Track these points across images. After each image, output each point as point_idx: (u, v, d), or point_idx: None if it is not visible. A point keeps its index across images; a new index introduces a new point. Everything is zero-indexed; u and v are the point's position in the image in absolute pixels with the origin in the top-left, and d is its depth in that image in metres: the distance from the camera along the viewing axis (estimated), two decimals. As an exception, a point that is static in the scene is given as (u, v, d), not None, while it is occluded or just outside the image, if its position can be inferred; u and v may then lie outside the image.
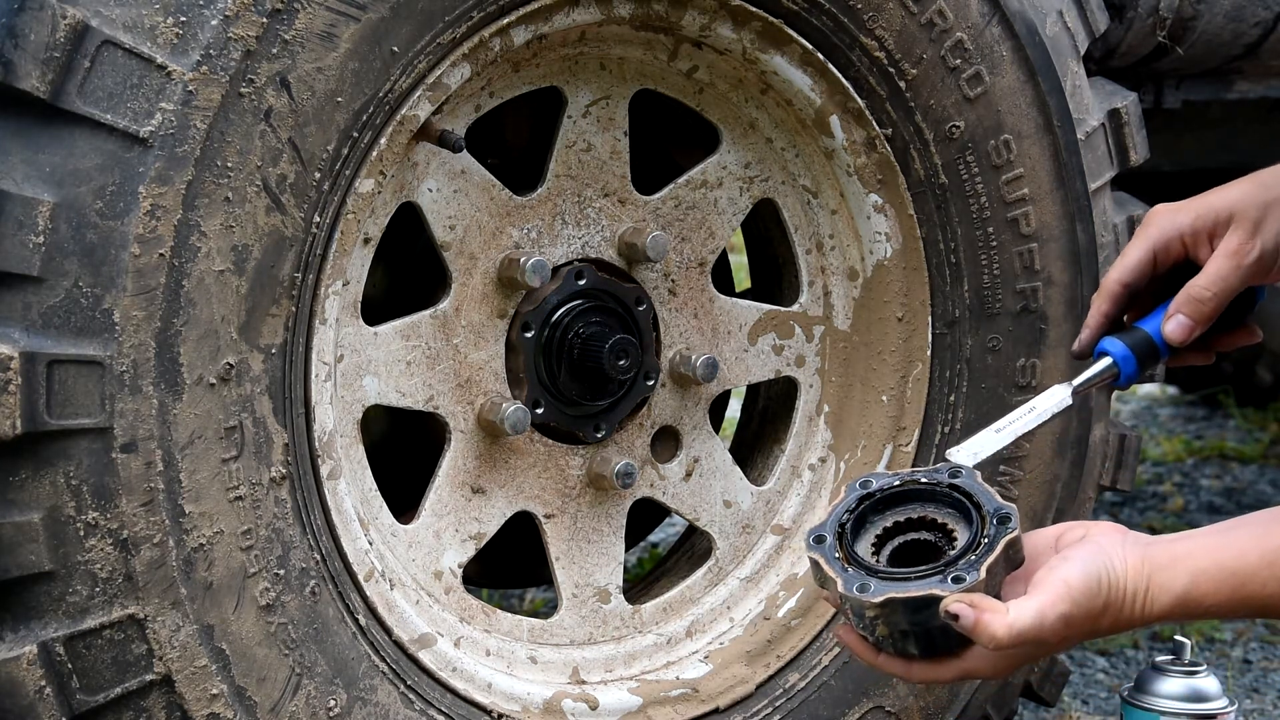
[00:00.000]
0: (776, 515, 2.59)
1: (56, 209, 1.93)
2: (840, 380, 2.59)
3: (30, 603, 1.99)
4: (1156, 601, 1.98)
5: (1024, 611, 1.95)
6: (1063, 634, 1.97)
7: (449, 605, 2.37)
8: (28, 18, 1.91)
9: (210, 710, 2.07)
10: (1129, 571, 1.97)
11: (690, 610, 2.55)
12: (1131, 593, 1.97)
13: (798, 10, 2.34)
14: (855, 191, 2.51)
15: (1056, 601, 1.95)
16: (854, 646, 2.06)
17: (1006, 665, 2.02)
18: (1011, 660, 2.01)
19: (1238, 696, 3.16)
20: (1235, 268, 2.20)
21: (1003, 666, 2.02)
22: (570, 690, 2.41)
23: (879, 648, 2.04)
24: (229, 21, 1.98)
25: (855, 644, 2.06)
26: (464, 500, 2.38)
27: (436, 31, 2.12)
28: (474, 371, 2.36)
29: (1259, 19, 2.81)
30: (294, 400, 2.12)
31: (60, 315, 1.95)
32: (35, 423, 1.94)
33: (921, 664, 2.03)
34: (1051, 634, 1.96)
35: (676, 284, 2.48)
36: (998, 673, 2.04)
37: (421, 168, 2.29)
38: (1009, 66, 2.45)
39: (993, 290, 2.51)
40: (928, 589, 1.97)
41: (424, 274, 2.41)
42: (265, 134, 2.02)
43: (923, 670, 2.04)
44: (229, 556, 2.07)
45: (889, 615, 1.98)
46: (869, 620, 2.00)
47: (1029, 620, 1.95)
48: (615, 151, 2.42)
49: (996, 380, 2.53)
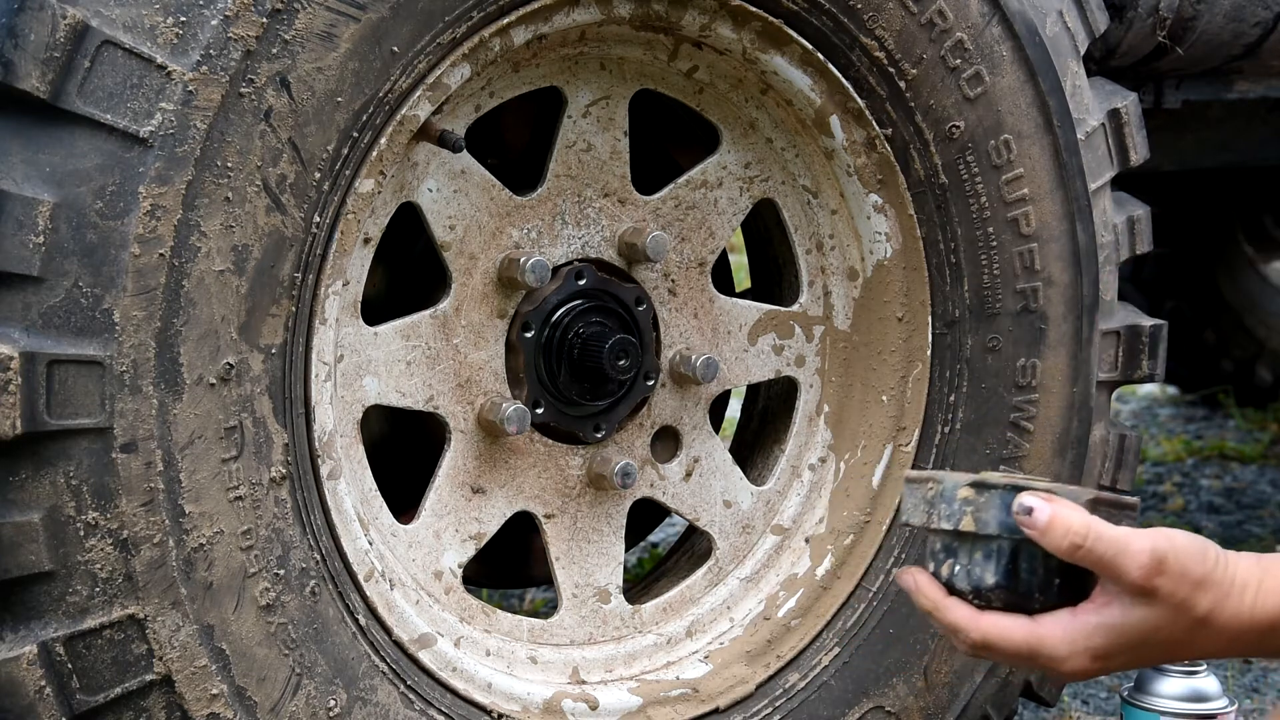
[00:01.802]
0: (776, 515, 2.59)
1: (56, 209, 1.93)
2: (840, 380, 2.59)
3: (30, 603, 1.99)
4: (1268, 600, 1.77)
5: (1109, 528, 1.76)
6: (1149, 581, 1.75)
7: (449, 605, 2.37)
8: (28, 18, 1.91)
9: (210, 710, 2.07)
10: (1242, 563, 1.78)
11: (690, 610, 2.55)
12: (1241, 582, 1.77)
13: (798, 10, 2.34)
14: (855, 191, 2.51)
15: (1152, 535, 1.76)
16: (922, 586, 1.85)
17: (1082, 653, 1.78)
18: (1089, 650, 1.78)
19: (1238, 696, 3.16)
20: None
21: (1079, 653, 1.78)
22: (570, 690, 2.41)
23: (950, 589, 1.84)
24: (229, 21, 1.98)
25: (925, 583, 1.85)
26: (464, 500, 2.38)
27: (436, 31, 2.12)
28: (474, 371, 2.36)
29: (1259, 19, 2.81)
30: (294, 400, 2.12)
31: (60, 315, 1.95)
32: (35, 423, 1.94)
33: (993, 616, 1.81)
34: (1138, 570, 1.75)
35: (676, 284, 2.48)
36: (1071, 661, 1.79)
37: (421, 168, 2.29)
38: (1009, 66, 2.45)
39: (993, 290, 2.51)
40: (1027, 482, 1.80)
41: (424, 274, 2.41)
42: (265, 134, 2.02)
43: (990, 625, 1.80)
44: (229, 556, 2.07)
45: (979, 510, 1.80)
46: (956, 511, 1.81)
47: (1111, 531, 1.75)
48: (615, 151, 2.42)
49: (996, 380, 2.53)
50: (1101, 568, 1.78)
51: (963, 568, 1.83)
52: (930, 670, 2.53)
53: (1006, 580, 1.81)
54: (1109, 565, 1.77)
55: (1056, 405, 2.55)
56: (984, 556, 1.82)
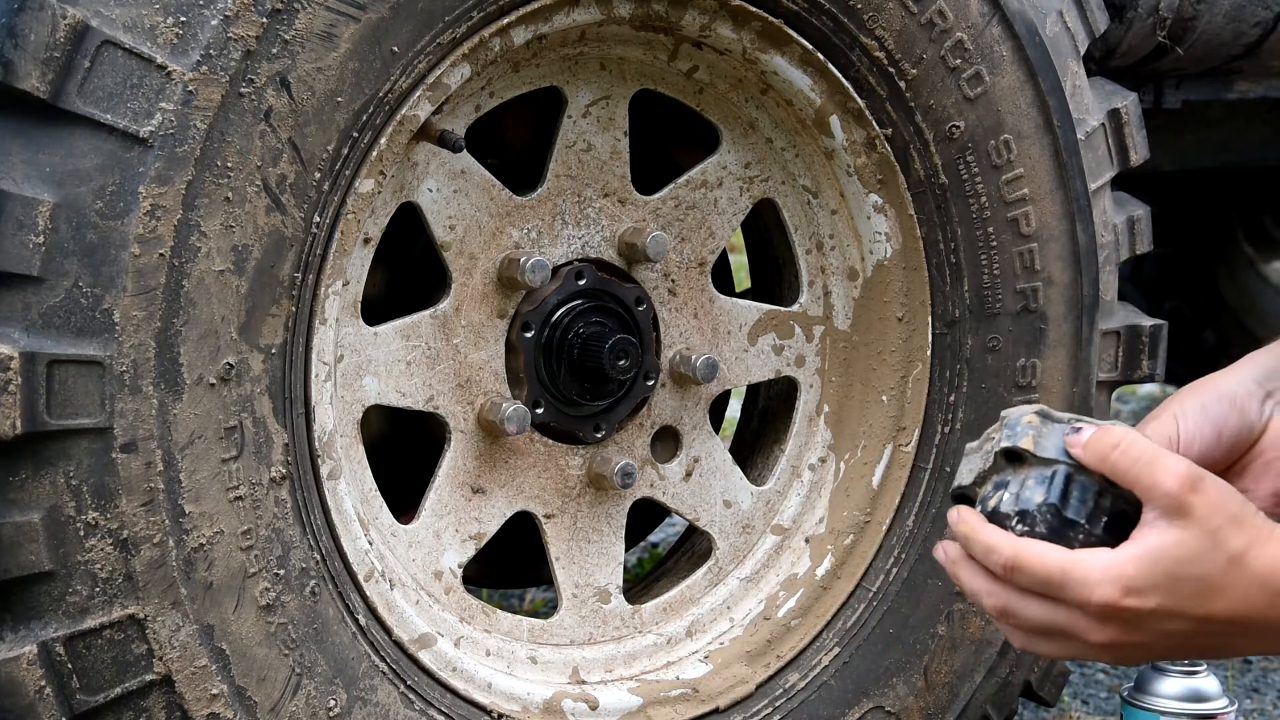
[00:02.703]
0: (776, 515, 2.59)
1: (56, 209, 1.93)
2: (840, 380, 2.59)
3: (30, 603, 1.99)
4: None
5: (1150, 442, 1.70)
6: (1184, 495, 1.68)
7: (449, 605, 2.37)
8: (28, 18, 1.91)
9: (210, 710, 2.07)
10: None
11: (690, 610, 2.55)
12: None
13: (798, 10, 2.34)
14: (855, 191, 2.51)
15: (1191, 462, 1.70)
16: (960, 514, 1.77)
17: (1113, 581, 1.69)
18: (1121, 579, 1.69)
19: (1238, 696, 3.16)
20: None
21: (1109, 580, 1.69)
22: (570, 690, 2.41)
23: (994, 515, 1.77)
24: (229, 21, 1.98)
25: (964, 512, 1.78)
26: (464, 500, 2.38)
27: (436, 31, 2.12)
28: (474, 371, 2.36)
29: (1259, 19, 2.81)
30: (294, 400, 2.12)
31: (60, 315, 1.95)
32: (35, 423, 1.94)
33: (1029, 540, 1.73)
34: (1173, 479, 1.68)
35: (676, 284, 2.48)
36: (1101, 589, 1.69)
37: (421, 168, 2.29)
38: (1009, 66, 2.45)
39: (993, 290, 2.51)
40: (1092, 421, 1.77)
41: (424, 274, 2.42)
42: (265, 134, 2.02)
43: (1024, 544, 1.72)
44: (229, 556, 2.07)
45: (1039, 436, 1.76)
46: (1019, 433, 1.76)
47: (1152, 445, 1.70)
48: (615, 151, 2.42)
49: (996, 380, 2.53)
50: (1137, 474, 1.72)
51: (1012, 494, 1.78)
52: (930, 670, 2.54)
53: (1056, 500, 1.76)
54: (1145, 470, 1.71)
55: (1057, 405, 2.55)
56: (1036, 482, 1.77)
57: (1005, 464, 1.81)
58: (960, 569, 1.79)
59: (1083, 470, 1.77)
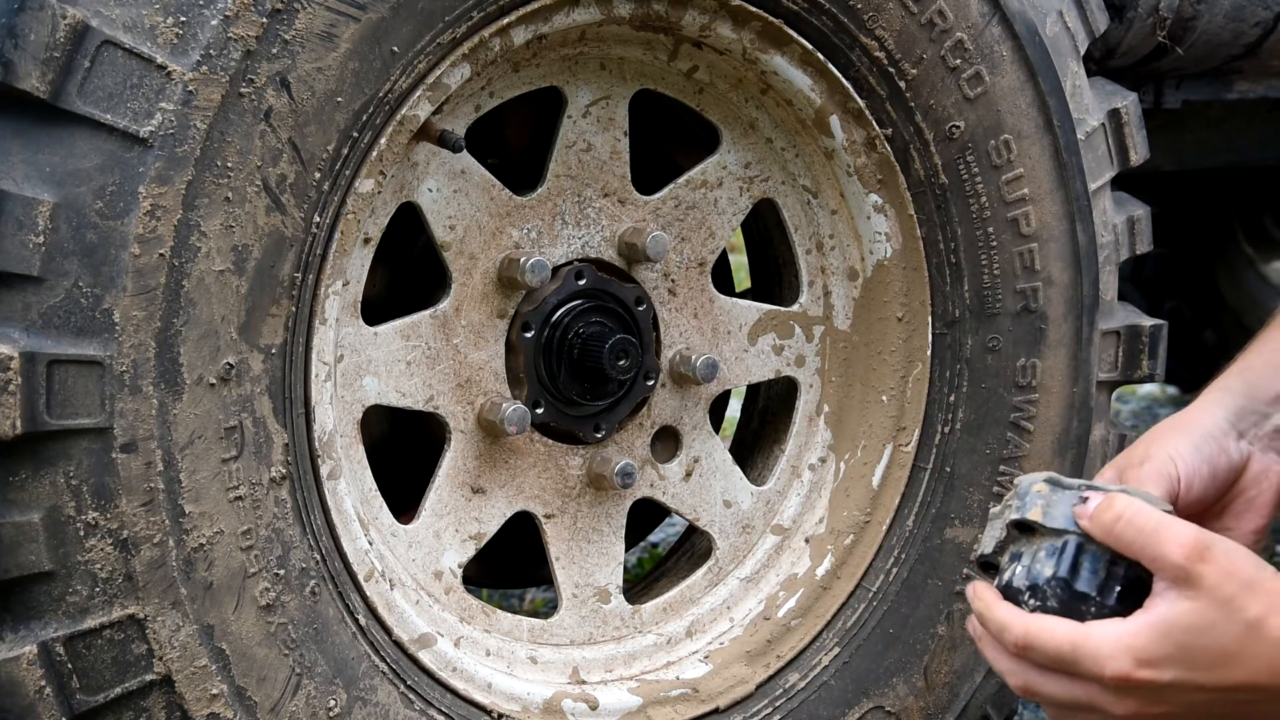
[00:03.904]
0: (776, 515, 2.59)
1: (56, 209, 1.93)
2: (840, 380, 2.59)
3: (30, 603, 1.99)
4: None
5: (1156, 510, 1.67)
6: (1191, 565, 1.64)
7: (449, 605, 2.37)
8: (28, 18, 1.91)
9: (210, 710, 2.07)
10: None
11: (690, 610, 2.55)
12: None
13: (798, 10, 2.34)
14: (855, 191, 2.51)
15: (1199, 528, 1.67)
16: (975, 590, 1.79)
17: (1125, 653, 1.67)
18: (1133, 650, 1.67)
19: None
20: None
21: (1121, 653, 1.67)
22: (570, 690, 2.41)
23: (1008, 590, 1.78)
24: (229, 21, 1.98)
25: (979, 588, 1.79)
26: (464, 500, 2.38)
27: (436, 31, 2.12)
28: (474, 371, 2.36)
29: (1259, 19, 2.81)
30: (294, 400, 2.12)
31: (60, 315, 1.95)
32: (35, 423, 1.94)
33: (1040, 615, 1.73)
34: (1178, 549, 1.64)
35: (676, 284, 2.48)
36: (1114, 663, 1.66)
37: (421, 168, 2.29)
38: (1009, 66, 2.45)
39: (993, 290, 2.51)
40: (1103, 485, 1.76)
41: (424, 274, 2.41)
42: (265, 134, 2.02)
43: (1035, 621, 1.72)
44: (229, 556, 2.07)
45: (1049, 505, 1.76)
46: (1028, 503, 1.77)
47: (1158, 513, 1.66)
48: (615, 151, 2.42)
49: (996, 380, 2.53)
50: (1142, 545, 1.69)
51: (1024, 567, 1.79)
52: (930, 670, 2.54)
53: (1065, 573, 1.76)
54: (1150, 541, 1.69)
55: (1056, 405, 2.55)
56: (1047, 554, 1.78)
57: (1018, 534, 1.80)
58: (984, 646, 1.78)
59: (1094, 539, 1.74)
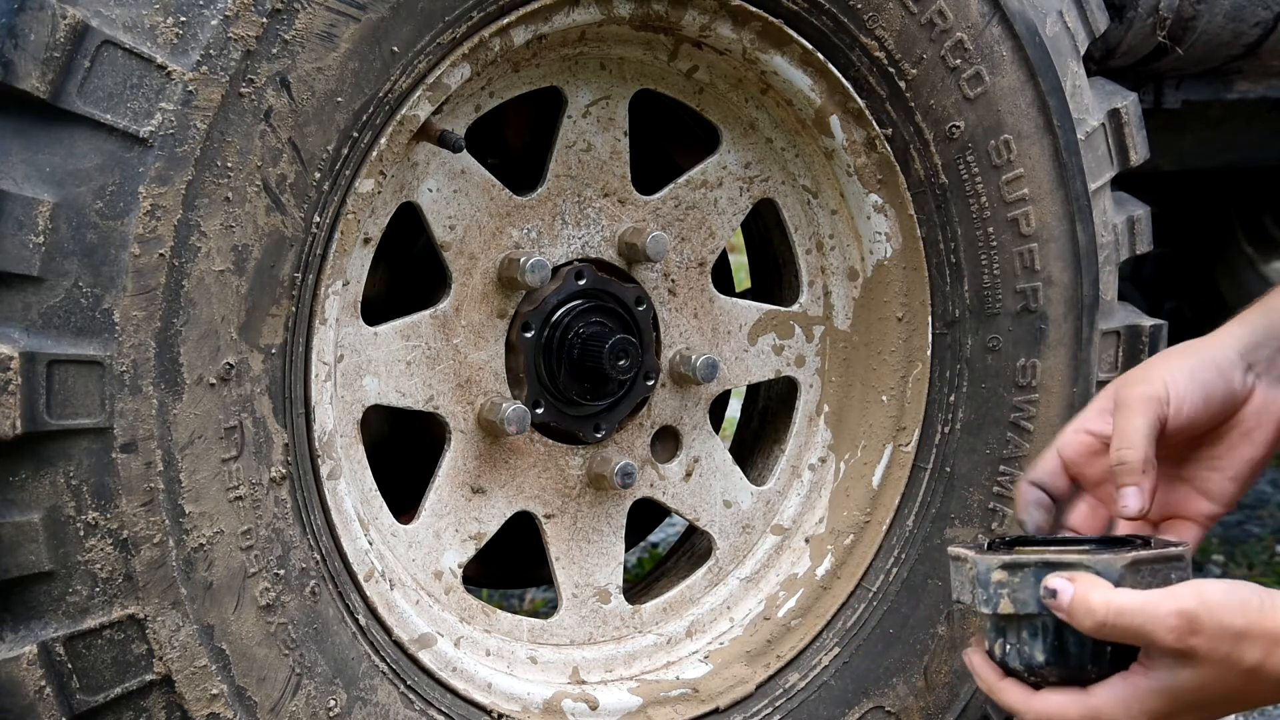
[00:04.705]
0: (776, 515, 2.59)
1: (56, 209, 1.93)
2: (840, 380, 2.59)
3: (30, 603, 1.99)
4: None
5: (1133, 594, 1.72)
6: (1184, 643, 1.71)
7: (449, 605, 2.37)
8: (28, 18, 1.91)
9: (210, 710, 2.07)
10: None
11: (690, 610, 2.55)
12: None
13: (798, 10, 2.34)
14: (855, 191, 2.51)
15: (1180, 596, 1.71)
16: (978, 669, 1.86)
17: (1139, 718, 1.75)
18: (1146, 713, 1.74)
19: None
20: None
21: (1135, 718, 1.75)
22: (570, 690, 2.41)
23: (1005, 668, 1.84)
24: (229, 21, 1.98)
25: (980, 665, 1.86)
26: (464, 500, 2.38)
27: (436, 31, 2.12)
28: (474, 371, 2.36)
29: (1259, 19, 2.81)
30: (294, 400, 2.12)
31: (60, 315, 1.95)
32: (35, 423, 1.94)
33: (1046, 695, 1.80)
34: (1169, 634, 1.71)
35: (676, 284, 2.48)
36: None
37: (421, 168, 2.29)
38: (1009, 66, 2.45)
39: (993, 290, 2.51)
40: (1058, 558, 1.78)
41: (424, 274, 2.41)
42: (265, 134, 2.02)
43: (1043, 705, 1.79)
44: (229, 556, 2.07)
45: (1014, 591, 1.80)
46: (993, 595, 1.80)
47: (1135, 601, 1.71)
48: (615, 151, 2.42)
49: (996, 380, 2.53)
50: (1134, 638, 1.75)
51: (1013, 647, 1.83)
52: (930, 670, 2.54)
53: (1055, 657, 1.80)
54: (1140, 637, 1.74)
55: (1057, 405, 2.55)
56: (1030, 635, 1.81)
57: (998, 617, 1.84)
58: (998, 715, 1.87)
59: None
